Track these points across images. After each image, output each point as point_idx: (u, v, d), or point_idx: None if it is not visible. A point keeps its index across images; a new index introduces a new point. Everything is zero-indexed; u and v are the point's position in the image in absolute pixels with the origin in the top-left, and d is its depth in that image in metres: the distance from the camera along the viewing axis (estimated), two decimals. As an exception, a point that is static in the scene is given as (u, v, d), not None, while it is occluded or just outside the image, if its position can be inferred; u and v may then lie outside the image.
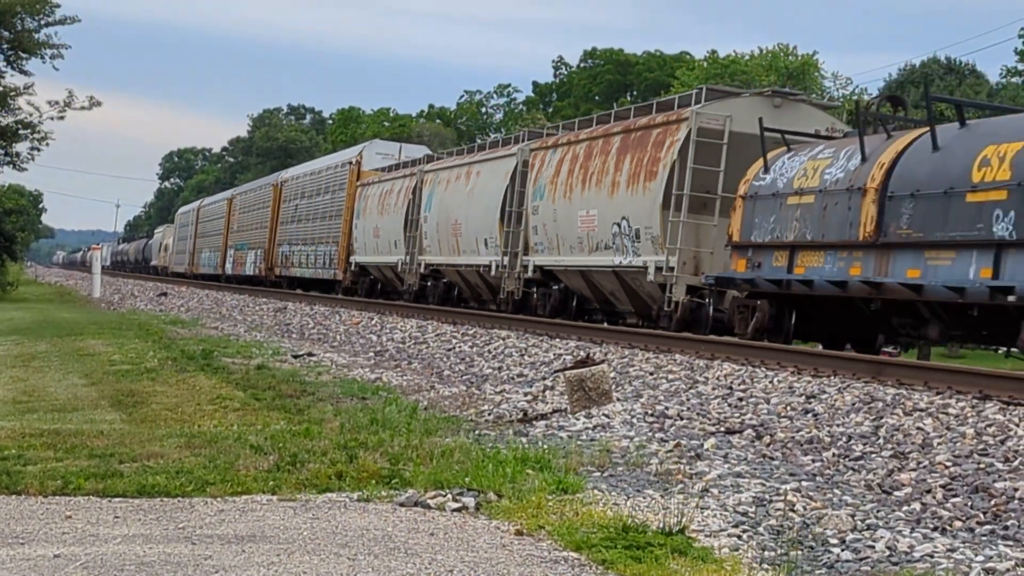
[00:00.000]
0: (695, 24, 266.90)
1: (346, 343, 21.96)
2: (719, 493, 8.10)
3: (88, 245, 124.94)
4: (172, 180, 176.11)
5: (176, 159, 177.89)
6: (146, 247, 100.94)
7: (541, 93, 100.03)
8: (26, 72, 43.59)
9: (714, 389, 13.06)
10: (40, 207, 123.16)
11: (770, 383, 13.01)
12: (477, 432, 10.69)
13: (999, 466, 8.64)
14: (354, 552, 6.30)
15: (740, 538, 6.99)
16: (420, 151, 42.43)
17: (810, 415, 11.20)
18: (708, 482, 8.42)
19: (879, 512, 7.73)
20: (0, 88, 42.76)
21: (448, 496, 7.65)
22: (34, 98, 43.49)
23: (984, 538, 7.17)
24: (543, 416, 11.74)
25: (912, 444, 9.62)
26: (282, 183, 51.42)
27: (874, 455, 9.47)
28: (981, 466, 8.68)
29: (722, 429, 10.90)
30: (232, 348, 19.53)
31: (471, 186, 30.56)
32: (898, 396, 11.45)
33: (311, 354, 18.83)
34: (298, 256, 46.19)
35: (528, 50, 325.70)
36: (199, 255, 67.90)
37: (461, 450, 9.12)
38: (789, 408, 11.59)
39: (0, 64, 42.99)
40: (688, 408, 12.04)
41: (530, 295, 27.02)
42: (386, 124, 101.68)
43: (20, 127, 43.10)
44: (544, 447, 9.58)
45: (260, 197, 54.93)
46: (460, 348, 19.25)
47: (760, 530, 7.22)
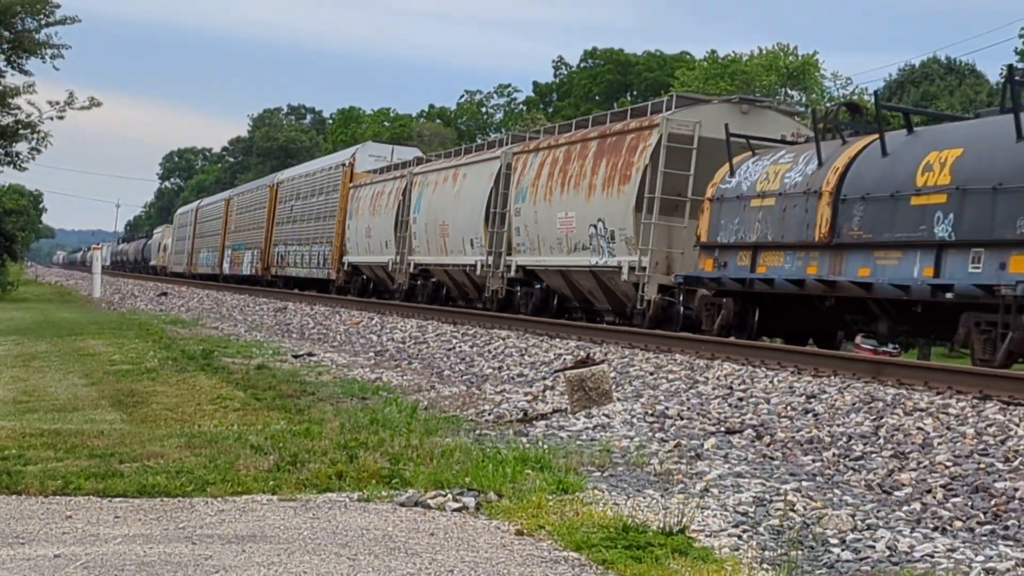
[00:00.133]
0: (695, 24, 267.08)
1: (346, 343, 21.97)
2: (719, 493, 8.10)
3: (88, 245, 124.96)
4: (172, 180, 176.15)
5: (176, 159, 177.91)
6: (145, 247, 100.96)
7: (541, 93, 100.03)
8: (26, 72, 43.59)
9: (714, 389, 13.07)
10: (40, 207, 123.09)
11: (770, 383, 13.02)
12: (477, 432, 10.69)
13: (999, 466, 8.64)
14: (354, 552, 6.30)
15: (740, 538, 6.99)
16: (411, 153, 43.10)
17: (810, 415, 11.20)
18: (708, 482, 8.42)
19: (879, 512, 7.73)
20: (0, 88, 42.71)
21: (448, 496, 7.65)
22: (34, 98, 43.50)
23: (984, 538, 7.17)
24: (543, 416, 11.75)
25: (912, 444, 9.62)
26: (278, 184, 51.94)
27: (874, 455, 9.47)
28: (981, 466, 8.69)
29: (722, 429, 10.91)
30: (232, 348, 19.53)
31: (458, 188, 31.15)
32: (898, 396, 11.45)
33: (311, 354, 18.83)
34: (293, 256, 46.68)
35: (528, 50, 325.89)
36: (197, 255, 68.16)
37: (461, 450, 9.12)
38: (789, 408, 11.59)
39: (0, 64, 42.96)
40: (688, 408, 12.04)
41: (514, 294, 27.66)
42: (386, 124, 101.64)
43: (20, 127, 43.05)
44: (544, 447, 9.58)
45: (257, 198, 55.32)
46: (460, 348, 19.25)
47: (760, 530, 7.22)
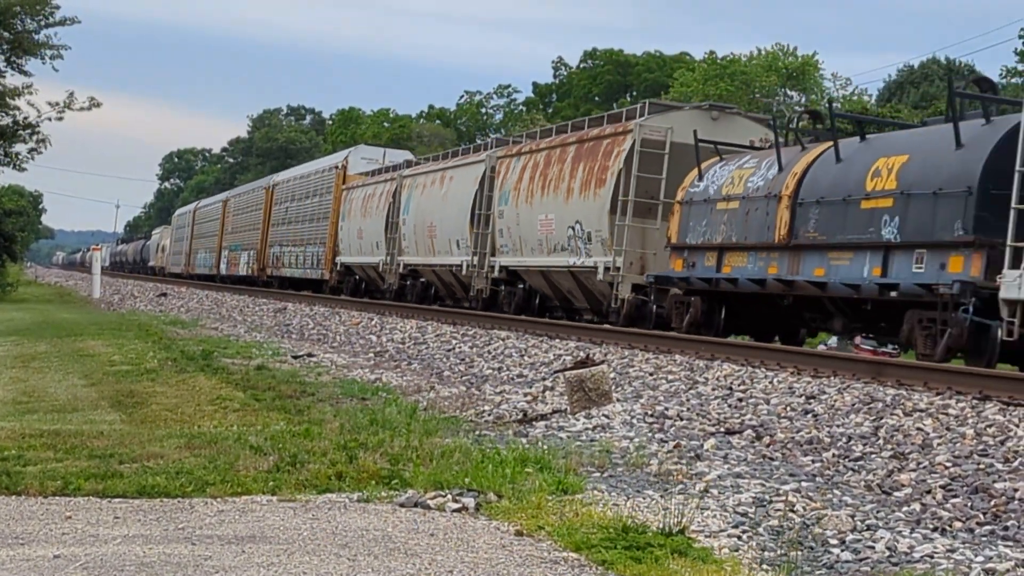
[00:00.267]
0: (695, 24, 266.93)
1: (346, 344, 21.97)
2: (719, 494, 8.10)
3: (88, 246, 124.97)
4: (172, 181, 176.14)
5: (176, 160, 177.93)
6: (144, 248, 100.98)
7: (541, 94, 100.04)
8: (26, 72, 43.58)
9: (714, 390, 13.06)
10: (40, 208, 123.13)
11: (770, 383, 13.02)
12: (477, 433, 10.69)
13: (999, 466, 8.64)
14: (354, 552, 6.30)
15: (740, 538, 6.99)
16: (402, 156, 44.12)
17: (810, 416, 11.20)
18: (708, 482, 8.42)
19: (879, 512, 7.73)
20: (0, 88, 42.69)
21: (448, 497, 7.64)
22: (34, 98, 43.40)
23: (984, 538, 7.17)
24: (543, 417, 11.74)
25: (912, 445, 9.62)
26: (274, 186, 52.68)
27: (874, 456, 9.47)
28: (981, 466, 8.69)
29: (722, 430, 10.91)
30: (232, 349, 19.53)
31: (445, 191, 32.00)
32: (898, 396, 11.45)
33: (311, 355, 18.83)
34: (288, 257, 47.45)
35: (528, 50, 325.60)
36: (195, 256, 68.58)
37: (461, 451, 9.12)
38: (789, 408, 11.59)
39: (0, 64, 42.94)
40: (688, 409, 12.04)
41: (498, 293, 28.48)
42: (386, 125, 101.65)
43: (19, 128, 43.02)
44: (544, 448, 9.58)
45: (253, 200, 55.97)
46: (460, 349, 19.25)
47: (760, 530, 7.22)
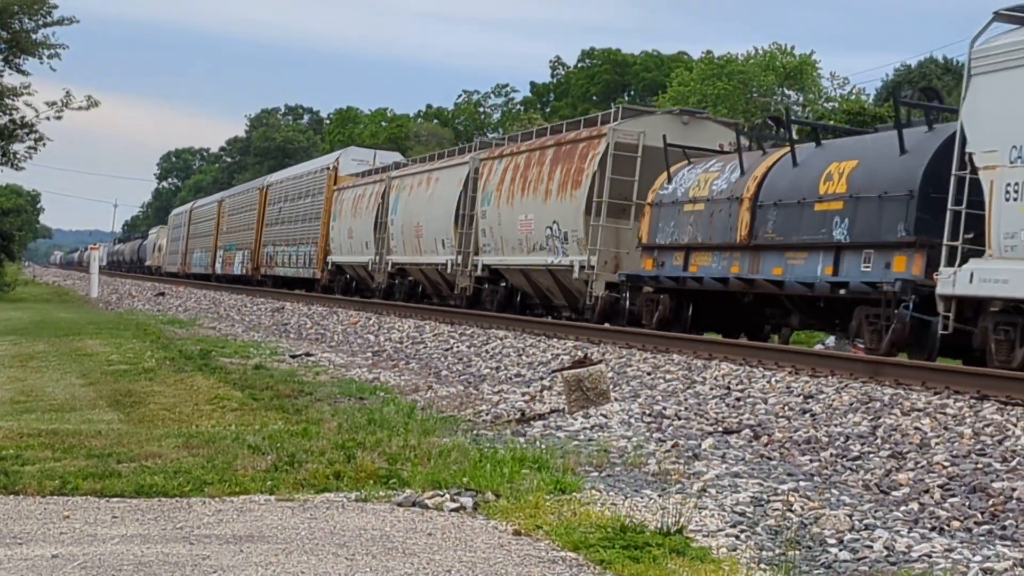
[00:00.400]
0: (693, 24, 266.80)
1: (344, 343, 21.97)
2: (717, 493, 8.10)
3: (86, 245, 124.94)
4: (170, 180, 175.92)
5: (174, 159, 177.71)
6: (141, 247, 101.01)
7: (539, 93, 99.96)
8: (24, 72, 43.55)
9: (712, 389, 13.07)
10: (38, 207, 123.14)
11: (768, 383, 13.02)
12: (475, 432, 10.69)
13: (997, 466, 8.65)
14: (352, 552, 6.30)
15: (738, 538, 6.99)
16: (391, 158, 45.02)
17: (808, 415, 11.20)
18: (706, 482, 8.42)
19: (877, 512, 7.73)
20: (-3, 88, 42.66)
21: (446, 496, 7.64)
22: (32, 98, 43.37)
23: (982, 538, 7.17)
24: (541, 416, 11.74)
25: (910, 444, 9.62)
26: (267, 187, 53.31)
27: (872, 455, 9.47)
28: (979, 466, 8.69)
29: (720, 429, 10.91)
30: (230, 348, 19.53)
31: (431, 191, 32.76)
32: (896, 396, 11.45)
33: (309, 354, 18.83)
34: (281, 256, 48.14)
35: (526, 50, 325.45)
36: (191, 255, 69.10)
37: (459, 450, 9.12)
38: (787, 408, 11.59)
39: (-2, 64, 42.88)
40: (686, 408, 12.04)
41: (481, 291, 29.18)
42: (383, 124, 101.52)
43: (17, 127, 42.99)
44: (542, 447, 9.58)
45: (248, 200, 56.57)
46: (458, 348, 19.25)
47: (758, 530, 7.22)
